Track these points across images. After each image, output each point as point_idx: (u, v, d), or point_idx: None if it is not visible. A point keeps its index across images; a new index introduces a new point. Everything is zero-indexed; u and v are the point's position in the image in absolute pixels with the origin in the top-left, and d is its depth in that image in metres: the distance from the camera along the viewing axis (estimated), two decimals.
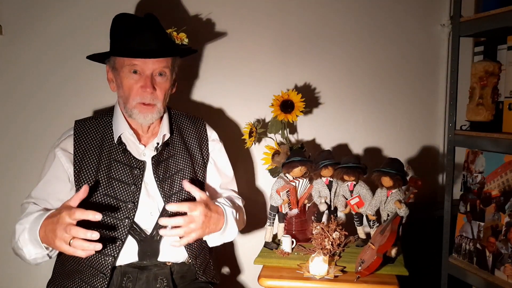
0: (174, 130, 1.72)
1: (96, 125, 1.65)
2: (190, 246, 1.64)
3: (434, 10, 2.23)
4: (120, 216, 1.56)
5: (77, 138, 1.61)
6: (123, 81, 1.58)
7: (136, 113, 1.59)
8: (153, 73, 1.58)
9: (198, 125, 1.78)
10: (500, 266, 1.53)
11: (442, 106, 2.26)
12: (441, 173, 2.26)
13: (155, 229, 1.59)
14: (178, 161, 1.67)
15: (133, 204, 1.57)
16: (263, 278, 1.60)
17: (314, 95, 2.16)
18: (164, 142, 1.67)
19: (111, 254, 1.54)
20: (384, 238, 1.56)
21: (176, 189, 1.64)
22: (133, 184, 1.58)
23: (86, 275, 1.56)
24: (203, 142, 1.76)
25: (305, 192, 1.81)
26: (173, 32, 1.69)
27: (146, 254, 1.59)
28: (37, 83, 1.93)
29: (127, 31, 1.57)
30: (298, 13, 2.12)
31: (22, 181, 1.91)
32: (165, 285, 1.60)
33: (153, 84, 1.58)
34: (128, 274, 1.57)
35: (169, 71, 1.62)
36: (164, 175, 1.63)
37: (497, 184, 1.58)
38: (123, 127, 1.63)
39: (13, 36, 1.89)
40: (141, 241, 1.58)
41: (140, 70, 1.57)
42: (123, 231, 1.55)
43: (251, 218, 2.13)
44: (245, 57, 2.09)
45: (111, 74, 1.65)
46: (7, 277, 1.96)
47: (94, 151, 1.60)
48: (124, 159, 1.61)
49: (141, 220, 1.59)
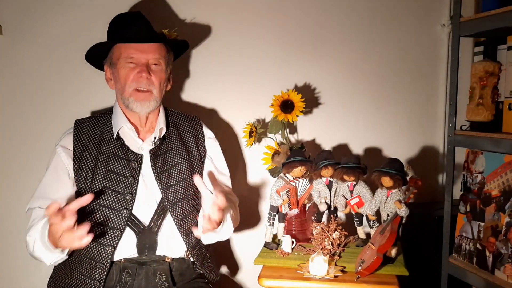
0: (170, 126, 1.76)
1: (95, 123, 1.70)
2: (188, 236, 1.67)
3: (434, 10, 2.23)
4: (119, 207, 1.60)
5: (76, 135, 1.66)
6: (120, 72, 1.65)
7: (132, 102, 1.64)
8: (149, 62, 1.65)
9: (194, 123, 1.82)
10: (500, 266, 1.53)
11: (442, 106, 2.26)
12: (441, 173, 2.26)
13: (152, 221, 1.63)
14: (175, 155, 1.71)
15: (131, 196, 1.61)
16: (263, 278, 1.60)
17: (314, 95, 2.16)
18: (162, 136, 1.71)
19: (111, 244, 1.58)
20: (384, 238, 1.56)
21: (173, 181, 1.67)
22: (131, 176, 1.62)
23: (85, 267, 1.59)
24: (199, 139, 1.79)
25: (305, 192, 1.81)
26: (166, 33, 1.78)
27: (145, 246, 1.62)
28: (37, 83, 1.93)
29: (122, 24, 1.66)
30: (298, 13, 2.12)
31: (22, 181, 1.91)
32: (164, 280, 1.63)
33: (149, 70, 1.64)
34: (127, 269, 1.61)
35: (164, 62, 1.69)
36: (162, 167, 1.67)
37: (497, 184, 1.58)
38: (122, 121, 1.68)
39: (13, 36, 1.89)
40: (139, 233, 1.61)
41: (136, 59, 1.63)
42: (121, 222, 1.59)
43: (251, 218, 2.13)
44: (245, 57, 2.09)
45: (109, 72, 1.71)
46: (8, 274, 1.96)
47: (93, 147, 1.64)
48: (122, 153, 1.65)
49: (139, 211, 1.62)
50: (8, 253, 1.95)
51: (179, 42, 1.81)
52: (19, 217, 1.87)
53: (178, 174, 1.69)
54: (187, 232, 1.66)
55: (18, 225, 1.87)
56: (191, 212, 1.69)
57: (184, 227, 1.66)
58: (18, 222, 1.87)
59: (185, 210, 1.67)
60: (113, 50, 1.67)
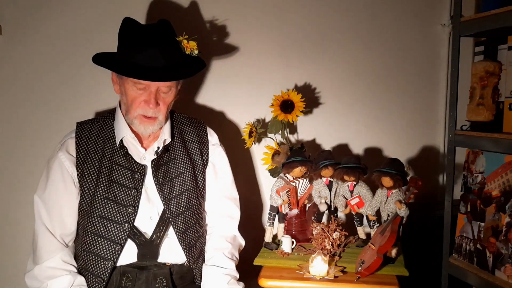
0: (175, 134, 1.71)
1: (98, 128, 1.64)
2: (190, 249, 1.64)
3: (435, 10, 2.23)
4: (120, 220, 1.56)
5: (79, 140, 1.61)
6: (127, 92, 1.56)
7: (136, 124, 1.59)
8: (158, 89, 1.57)
9: (199, 129, 1.77)
10: (500, 266, 1.53)
11: (443, 106, 2.26)
12: (442, 173, 2.26)
13: (154, 233, 1.59)
14: (178, 165, 1.67)
15: (133, 208, 1.57)
16: (263, 278, 1.60)
17: (314, 95, 2.16)
18: (165, 146, 1.66)
19: (110, 258, 1.55)
20: (384, 238, 1.56)
21: (176, 192, 1.64)
22: (134, 188, 1.58)
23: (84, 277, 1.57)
24: (203, 147, 1.75)
25: (305, 192, 1.81)
26: (184, 40, 1.63)
27: (146, 256, 1.59)
28: (37, 83, 1.93)
29: (134, 44, 1.53)
30: (298, 13, 2.12)
31: (21, 181, 1.91)
32: (164, 285, 1.60)
33: (157, 99, 1.56)
34: (127, 273, 1.58)
35: (175, 84, 1.60)
36: (164, 178, 1.63)
37: (497, 184, 1.57)
38: (124, 131, 1.62)
39: (13, 36, 1.89)
40: (140, 245, 1.58)
41: (146, 85, 1.55)
42: (123, 235, 1.56)
43: (251, 218, 2.13)
44: (245, 57, 2.09)
45: (115, 76, 1.62)
46: (7, 279, 1.95)
47: (96, 154, 1.60)
48: (126, 163, 1.61)
49: (141, 224, 1.59)
50: (9, 252, 1.94)
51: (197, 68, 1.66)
52: (19, 217, 1.87)
53: (180, 184, 1.65)
54: (188, 245, 1.64)
55: (18, 226, 1.87)
56: (194, 225, 1.67)
57: (186, 240, 1.63)
58: (18, 223, 1.87)
59: (188, 223, 1.64)
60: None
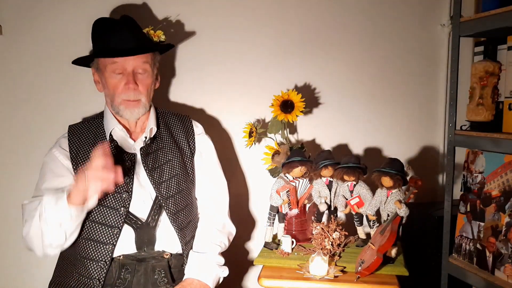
0: (161, 125, 1.80)
1: (88, 127, 1.75)
2: (182, 231, 1.70)
3: (434, 10, 2.23)
4: (116, 206, 1.63)
5: (71, 138, 1.71)
6: (108, 81, 1.68)
7: (122, 109, 1.69)
8: (134, 70, 1.68)
9: (184, 121, 1.86)
10: (500, 266, 1.53)
11: (442, 106, 2.26)
12: (441, 173, 2.26)
13: (150, 216, 1.67)
14: (166, 153, 1.75)
15: (127, 194, 1.65)
16: (263, 278, 1.60)
17: (314, 95, 2.16)
18: (152, 136, 1.75)
19: (110, 242, 1.61)
20: (384, 238, 1.56)
21: (165, 177, 1.71)
22: (126, 176, 1.65)
23: (83, 268, 1.61)
24: (190, 137, 1.83)
25: (305, 192, 1.81)
26: (150, 31, 1.78)
27: (143, 242, 1.65)
28: (37, 83, 1.93)
29: (105, 32, 1.68)
30: (298, 13, 2.12)
31: (20, 181, 1.91)
32: (163, 277, 1.65)
33: (135, 80, 1.68)
34: (126, 266, 1.63)
35: (150, 66, 1.71)
36: (154, 165, 1.71)
37: (497, 184, 1.58)
38: (113, 123, 1.72)
39: (13, 36, 1.89)
40: (137, 229, 1.65)
41: (122, 68, 1.66)
42: (119, 219, 1.62)
43: (251, 218, 2.13)
44: (245, 57, 2.09)
45: (96, 75, 1.74)
46: (8, 277, 1.96)
47: (88, 149, 1.67)
48: (117, 153, 1.68)
49: (135, 208, 1.66)
50: (8, 253, 1.95)
51: (166, 47, 1.82)
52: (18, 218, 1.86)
53: (170, 170, 1.73)
54: (180, 227, 1.70)
55: (17, 227, 1.87)
56: (184, 208, 1.73)
57: (178, 221, 1.69)
58: (17, 224, 1.87)
59: (178, 205, 1.71)
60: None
